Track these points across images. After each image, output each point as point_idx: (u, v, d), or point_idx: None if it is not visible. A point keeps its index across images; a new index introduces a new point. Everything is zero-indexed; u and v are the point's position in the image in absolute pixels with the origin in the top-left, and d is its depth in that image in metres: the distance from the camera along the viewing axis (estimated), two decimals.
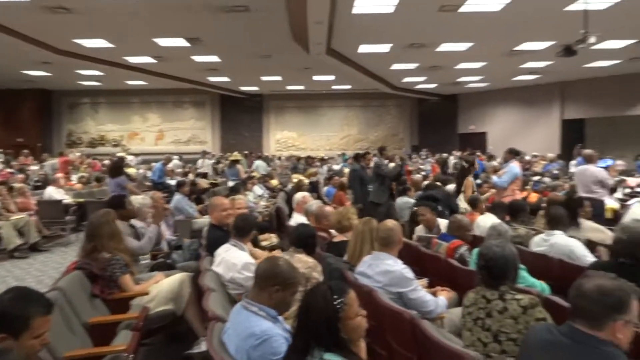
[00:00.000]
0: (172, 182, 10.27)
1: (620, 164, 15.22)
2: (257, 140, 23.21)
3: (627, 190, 8.39)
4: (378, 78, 17.60)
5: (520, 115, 20.48)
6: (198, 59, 14.19)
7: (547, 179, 9.85)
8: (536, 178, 10.71)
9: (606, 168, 6.62)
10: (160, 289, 3.31)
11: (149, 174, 12.57)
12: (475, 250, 3.50)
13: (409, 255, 3.88)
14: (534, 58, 14.20)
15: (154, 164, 13.01)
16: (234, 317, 2.13)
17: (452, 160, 15.78)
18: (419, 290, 2.86)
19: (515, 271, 2.40)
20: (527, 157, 15.86)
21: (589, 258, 3.57)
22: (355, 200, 7.05)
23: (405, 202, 6.61)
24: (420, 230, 4.63)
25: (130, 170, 11.97)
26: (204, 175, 13.35)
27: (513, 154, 6.67)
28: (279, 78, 18.09)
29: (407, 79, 18.16)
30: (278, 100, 23.06)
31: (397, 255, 3.06)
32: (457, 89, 20.80)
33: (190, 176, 11.80)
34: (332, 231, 3.94)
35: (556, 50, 9.81)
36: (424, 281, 3.30)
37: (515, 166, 6.38)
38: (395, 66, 15.30)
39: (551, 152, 16.49)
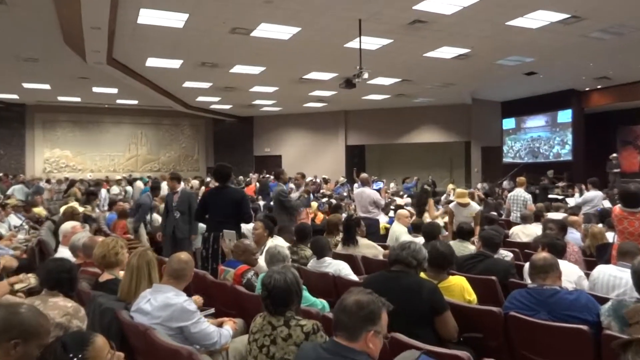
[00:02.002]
0: None
1: (392, 186, 18.09)
2: (18, 159, 19.99)
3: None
4: (170, 95, 17.11)
5: (311, 140, 22.54)
6: None
7: (333, 201, 10.88)
8: (324, 200, 11.76)
9: (379, 190, 7.65)
10: None
11: None
12: (261, 276, 3.65)
13: (195, 286, 3.82)
14: (320, 87, 15.76)
15: None
16: None
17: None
18: (202, 322, 2.81)
19: (298, 296, 2.53)
20: (317, 180, 17.44)
21: (352, 277, 4.10)
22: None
23: None
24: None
25: None
26: None
27: (303, 177, 7.30)
28: (47, 86, 15.94)
29: (201, 98, 18.11)
30: (47, 113, 20.30)
31: (182, 289, 2.97)
32: (252, 111, 21.67)
33: None
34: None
35: (339, 82, 11.13)
36: (210, 311, 3.27)
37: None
38: (188, 84, 15.14)
39: (338, 174, 18.53)
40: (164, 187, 8.98)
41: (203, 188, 12.71)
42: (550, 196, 13.65)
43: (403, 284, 2.86)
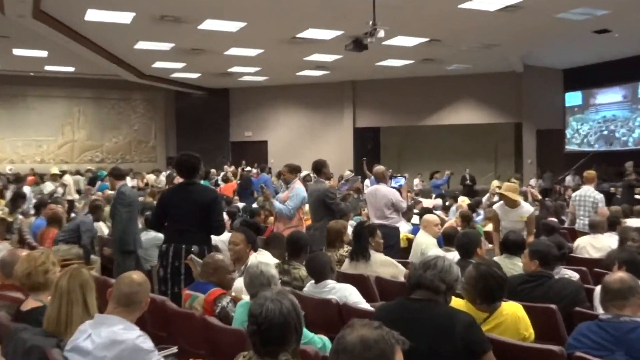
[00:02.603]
0: None
1: (416, 183, 18.14)
2: None
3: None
4: (117, 60, 17.11)
5: (307, 121, 22.57)
6: None
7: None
8: None
9: (399, 188, 7.65)
10: None
11: None
12: (242, 303, 3.63)
13: (151, 317, 3.80)
14: (320, 49, 15.75)
15: None
16: None
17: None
18: None
19: (298, 333, 2.50)
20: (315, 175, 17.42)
21: (363, 305, 4.09)
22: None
23: None
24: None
25: None
26: None
27: (295, 171, 7.19)
28: None
29: (159, 64, 18.11)
30: None
31: (135, 321, 2.96)
32: (228, 81, 21.66)
33: None
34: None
35: (345, 43, 11.11)
36: (171, 351, 3.27)
37: (301, 189, 6.89)
38: (142, 45, 15.13)
39: (344, 167, 18.53)
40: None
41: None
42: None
43: (428, 316, 2.84)
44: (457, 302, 3.25)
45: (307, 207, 7.30)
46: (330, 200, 6.84)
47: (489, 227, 7.59)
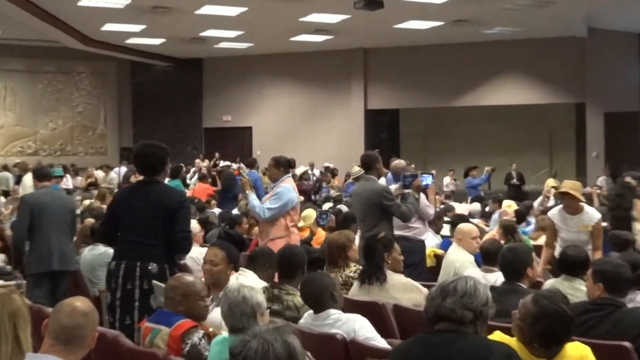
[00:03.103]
0: None
1: (447, 182, 18.03)
2: None
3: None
4: (55, 21, 17.06)
5: (305, 101, 22.56)
6: None
7: (343, 207, 10.83)
8: (327, 206, 11.71)
9: (424, 189, 7.54)
10: None
11: None
12: (220, 339, 3.62)
13: (100, 357, 3.80)
14: (321, 7, 15.72)
15: None
16: None
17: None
18: None
19: None
20: (316, 171, 17.40)
21: (376, 341, 4.08)
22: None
23: None
24: None
25: None
26: None
27: (282, 166, 7.15)
28: None
29: (110, 27, 18.10)
30: None
31: None
32: (201, 49, 21.63)
33: None
34: None
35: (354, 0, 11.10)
36: None
37: (288, 188, 6.85)
38: (88, 1, 15.09)
39: (352, 160, 18.44)
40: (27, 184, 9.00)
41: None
42: None
43: (456, 351, 2.87)
44: (502, 338, 3.26)
45: (310, 214, 7.26)
46: (388, 202, 6.79)
47: (542, 239, 7.52)
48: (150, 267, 4.90)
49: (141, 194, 5.22)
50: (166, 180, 6.80)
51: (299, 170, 15.14)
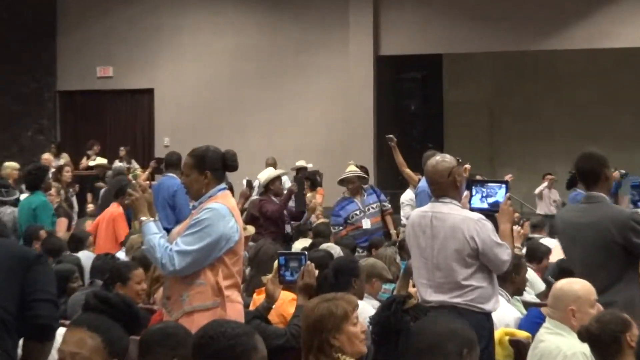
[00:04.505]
0: None
1: (542, 192, 13.39)
2: None
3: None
4: None
5: (260, 38, 16.40)
6: None
7: (334, 246, 9.75)
8: (301, 244, 9.91)
9: (492, 211, 5.37)
10: None
11: None
12: None
13: None
14: None
15: None
16: None
17: None
18: None
19: None
20: (285, 178, 12.83)
21: None
22: None
23: None
24: None
25: None
26: None
27: (213, 169, 5.16)
28: None
29: None
30: None
31: None
32: None
33: None
34: None
35: None
36: None
37: (220, 211, 4.92)
38: None
39: (351, 153, 13.42)
40: None
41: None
42: None
43: None
44: None
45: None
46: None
47: None
48: None
49: None
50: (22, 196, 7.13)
51: (263, 175, 10.27)
